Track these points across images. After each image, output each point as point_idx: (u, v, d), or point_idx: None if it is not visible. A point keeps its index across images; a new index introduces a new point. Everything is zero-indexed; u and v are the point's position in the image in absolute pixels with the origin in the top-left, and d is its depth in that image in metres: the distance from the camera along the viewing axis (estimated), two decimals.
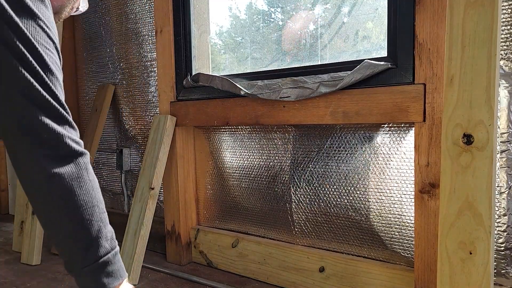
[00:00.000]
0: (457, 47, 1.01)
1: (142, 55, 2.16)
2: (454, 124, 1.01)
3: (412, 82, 1.28)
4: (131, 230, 1.79)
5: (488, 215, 0.97)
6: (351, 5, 1.54)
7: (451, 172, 1.02)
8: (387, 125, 1.42)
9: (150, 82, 2.14)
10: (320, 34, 1.62)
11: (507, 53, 1.18)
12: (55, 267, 1.92)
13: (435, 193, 1.26)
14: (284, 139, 1.67)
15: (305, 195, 1.63)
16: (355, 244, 1.53)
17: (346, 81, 1.36)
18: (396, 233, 1.44)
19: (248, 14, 1.87)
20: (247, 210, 1.83)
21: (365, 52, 1.51)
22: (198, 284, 1.70)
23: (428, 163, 1.26)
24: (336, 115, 1.41)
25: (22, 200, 2.13)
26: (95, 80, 2.46)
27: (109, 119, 2.35)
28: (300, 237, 1.67)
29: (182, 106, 1.87)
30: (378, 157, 1.45)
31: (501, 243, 1.24)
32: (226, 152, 1.87)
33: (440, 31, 1.22)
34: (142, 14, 2.13)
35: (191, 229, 1.96)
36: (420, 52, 1.26)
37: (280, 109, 1.54)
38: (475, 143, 0.98)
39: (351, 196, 1.52)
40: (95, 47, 2.43)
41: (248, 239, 1.76)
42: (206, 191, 1.96)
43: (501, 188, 1.22)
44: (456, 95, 1.01)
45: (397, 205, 1.42)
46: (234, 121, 1.69)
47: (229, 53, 1.98)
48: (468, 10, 0.99)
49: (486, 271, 0.97)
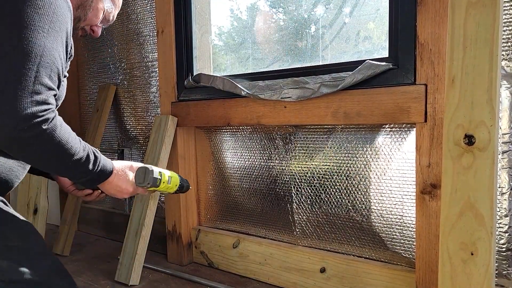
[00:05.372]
0: (459, 48, 1.00)
1: (143, 55, 2.16)
2: (456, 124, 1.01)
3: (414, 82, 1.28)
4: (132, 230, 1.79)
5: (489, 216, 0.96)
6: (352, 6, 1.54)
7: (453, 173, 1.01)
8: (388, 126, 1.42)
9: (151, 82, 2.14)
10: (321, 35, 1.62)
11: (508, 53, 1.17)
12: None
13: (436, 193, 1.25)
14: (285, 140, 1.67)
15: (306, 195, 1.63)
16: (356, 244, 1.53)
17: (347, 82, 1.36)
18: (397, 234, 1.44)
19: (249, 14, 1.87)
20: (248, 210, 1.82)
21: (366, 52, 1.51)
22: (199, 285, 1.70)
23: (429, 163, 1.26)
24: (337, 115, 1.41)
25: (23, 201, 2.13)
26: (96, 80, 2.46)
27: (110, 119, 2.36)
28: (301, 238, 1.67)
29: (183, 107, 1.87)
30: (379, 158, 1.45)
31: (502, 244, 1.23)
32: (227, 153, 1.87)
33: (442, 31, 1.21)
34: (143, 14, 2.13)
35: (192, 229, 1.96)
36: (422, 52, 1.26)
37: (281, 109, 1.54)
38: (476, 144, 0.98)
39: (352, 196, 1.52)
40: (97, 47, 2.43)
41: (249, 240, 1.76)
42: (207, 191, 1.96)
43: (503, 188, 1.21)
44: (457, 95, 1.01)
45: (398, 206, 1.42)
46: (235, 121, 1.70)
47: (230, 54, 1.98)
48: (469, 10, 0.99)
49: (488, 272, 0.97)
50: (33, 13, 0.79)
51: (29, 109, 0.75)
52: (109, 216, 2.39)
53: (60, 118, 0.83)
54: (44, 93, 0.78)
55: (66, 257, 2.09)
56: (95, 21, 1.08)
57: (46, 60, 0.79)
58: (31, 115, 0.75)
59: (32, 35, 0.78)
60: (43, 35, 0.79)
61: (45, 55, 0.79)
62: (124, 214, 2.28)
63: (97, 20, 1.08)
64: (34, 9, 0.79)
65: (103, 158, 0.95)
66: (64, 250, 2.10)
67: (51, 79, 0.81)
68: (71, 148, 0.84)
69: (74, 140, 0.85)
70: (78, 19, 1.03)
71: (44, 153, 0.82)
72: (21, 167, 0.98)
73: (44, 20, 0.80)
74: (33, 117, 0.76)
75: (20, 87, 0.75)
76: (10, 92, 0.74)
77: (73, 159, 0.85)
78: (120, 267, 1.76)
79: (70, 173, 0.92)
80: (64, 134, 0.82)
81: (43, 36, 0.79)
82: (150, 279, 1.77)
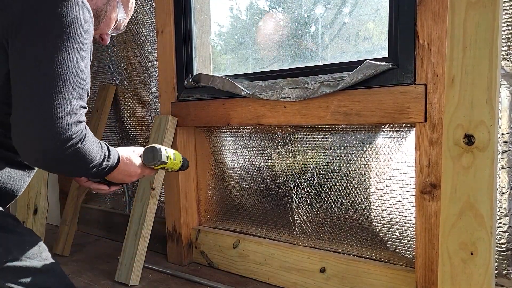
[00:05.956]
0: (458, 48, 1.01)
1: (143, 55, 2.16)
2: (455, 124, 1.01)
3: (413, 82, 1.28)
4: (132, 230, 1.79)
5: (489, 215, 0.96)
6: (352, 6, 1.54)
7: (452, 173, 1.02)
8: (388, 126, 1.42)
9: (151, 82, 2.14)
10: (321, 35, 1.62)
11: (508, 53, 1.18)
12: None
13: (436, 193, 1.26)
14: (285, 140, 1.67)
15: (306, 195, 1.63)
16: (356, 244, 1.53)
17: (347, 82, 1.36)
18: (397, 234, 1.44)
19: (249, 14, 1.87)
20: (248, 210, 1.83)
21: (366, 52, 1.51)
22: (199, 285, 1.70)
23: (429, 163, 1.26)
24: (337, 115, 1.41)
25: (23, 201, 2.13)
26: (96, 80, 2.46)
27: (110, 119, 2.36)
28: (301, 238, 1.67)
29: (183, 107, 1.87)
30: (379, 158, 1.45)
31: (502, 244, 1.23)
32: (227, 153, 1.87)
33: (441, 31, 1.22)
34: (143, 14, 2.13)
35: (192, 229, 1.96)
36: (421, 52, 1.26)
37: (281, 109, 1.54)
38: (476, 144, 0.98)
39: (352, 196, 1.52)
40: (96, 47, 2.42)
41: (249, 240, 1.76)
42: (207, 191, 1.96)
43: (503, 188, 1.21)
44: (457, 95, 1.01)
45: (398, 206, 1.42)
46: (235, 121, 1.70)
47: (230, 54, 1.98)
48: (469, 10, 0.99)
49: (488, 272, 0.97)
50: (63, 34, 0.80)
51: (68, 131, 0.79)
52: (109, 216, 2.39)
53: (89, 131, 0.87)
54: (79, 113, 0.81)
55: (66, 257, 2.09)
56: (106, 30, 1.08)
57: (78, 80, 0.82)
58: (70, 137, 0.79)
59: (64, 57, 0.80)
60: (74, 55, 0.81)
61: (78, 76, 0.82)
62: (124, 214, 2.28)
63: (108, 29, 1.08)
64: (63, 30, 0.80)
65: (111, 150, 0.96)
66: (64, 250, 2.10)
67: (83, 98, 0.84)
68: (96, 157, 0.88)
69: (97, 147, 0.88)
70: None
71: (76, 165, 0.85)
72: (27, 176, 0.99)
73: (74, 39, 0.81)
74: (72, 138, 0.79)
75: (58, 111, 0.78)
76: (50, 117, 0.77)
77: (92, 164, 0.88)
78: (120, 267, 1.77)
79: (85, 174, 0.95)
80: (93, 146, 0.86)
81: (74, 57, 0.81)
82: (150, 279, 1.77)
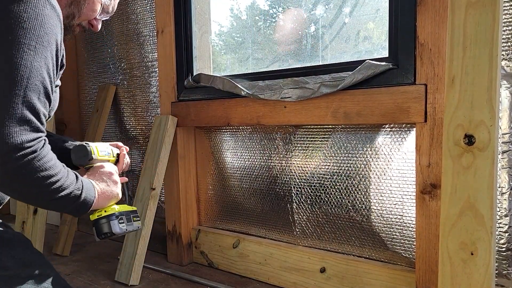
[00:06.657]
0: (459, 48, 1.01)
1: (143, 55, 2.16)
2: (456, 124, 1.01)
3: (414, 82, 1.28)
4: None
5: (489, 215, 0.96)
6: (352, 6, 1.54)
7: (453, 173, 1.02)
8: (388, 126, 1.42)
9: (151, 82, 2.14)
10: (321, 35, 1.62)
11: (508, 53, 1.17)
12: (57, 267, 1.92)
13: (436, 193, 1.26)
14: (285, 140, 1.67)
15: (306, 195, 1.63)
16: (356, 244, 1.53)
17: (347, 82, 1.36)
18: (397, 234, 1.44)
19: (249, 14, 1.87)
20: (248, 210, 1.82)
21: (366, 52, 1.51)
22: (199, 285, 1.70)
23: (429, 163, 1.26)
24: (337, 115, 1.41)
25: None
26: (96, 80, 2.46)
27: (110, 119, 2.36)
28: (301, 238, 1.67)
29: (183, 107, 1.87)
30: (379, 158, 1.45)
31: (502, 244, 1.23)
32: (227, 153, 1.87)
33: (442, 31, 1.22)
34: (143, 14, 2.13)
35: (192, 229, 1.96)
36: (422, 52, 1.26)
37: (281, 109, 1.54)
38: (476, 144, 0.98)
39: (352, 196, 1.52)
40: (96, 47, 2.43)
41: (249, 240, 1.76)
42: (207, 191, 1.96)
43: (503, 188, 1.21)
44: (457, 95, 1.01)
45: (398, 206, 1.42)
46: (235, 121, 1.70)
47: (230, 54, 1.98)
48: (469, 10, 0.99)
49: (488, 272, 0.97)
50: (18, 29, 0.72)
51: (17, 138, 0.68)
52: None
53: (49, 147, 0.76)
54: (33, 120, 0.72)
55: (66, 257, 2.09)
56: (92, 15, 0.99)
57: (34, 81, 0.72)
58: (18, 146, 0.69)
59: (18, 55, 0.71)
60: (30, 53, 0.72)
61: (33, 76, 0.72)
62: None
63: (94, 14, 0.99)
64: (19, 25, 0.72)
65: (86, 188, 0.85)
66: (64, 250, 2.10)
67: (40, 101, 0.74)
68: (57, 183, 0.76)
69: (61, 173, 0.77)
70: (72, 16, 0.96)
71: (26, 186, 0.73)
72: None
73: (30, 36, 0.72)
74: (20, 147, 0.69)
75: (6, 115, 0.68)
76: None
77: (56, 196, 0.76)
78: (120, 267, 1.76)
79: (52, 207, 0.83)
80: (51, 167, 0.74)
81: (29, 55, 0.72)
82: (150, 279, 1.77)
